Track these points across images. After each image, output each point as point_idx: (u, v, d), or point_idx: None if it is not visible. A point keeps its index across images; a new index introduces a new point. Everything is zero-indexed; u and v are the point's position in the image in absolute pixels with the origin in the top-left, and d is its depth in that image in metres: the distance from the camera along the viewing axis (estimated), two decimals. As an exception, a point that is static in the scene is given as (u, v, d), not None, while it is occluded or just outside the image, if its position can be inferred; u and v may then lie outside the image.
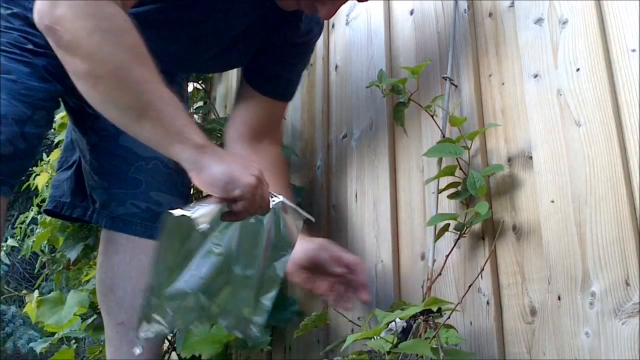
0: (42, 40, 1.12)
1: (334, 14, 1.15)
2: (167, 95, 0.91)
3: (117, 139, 1.30)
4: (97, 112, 1.31)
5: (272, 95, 1.31)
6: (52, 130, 1.93)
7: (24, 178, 1.41)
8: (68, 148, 1.39)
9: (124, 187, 1.28)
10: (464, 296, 1.02)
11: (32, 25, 1.11)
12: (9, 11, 1.10)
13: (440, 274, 1.03)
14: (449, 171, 1.08)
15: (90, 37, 0.87)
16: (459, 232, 1.05)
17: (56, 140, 1.87)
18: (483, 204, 1.01)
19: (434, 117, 1.13)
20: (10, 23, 1.10)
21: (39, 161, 2.18)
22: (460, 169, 1.09)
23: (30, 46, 1.10)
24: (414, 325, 0.93)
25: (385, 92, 1.15)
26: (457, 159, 1.08)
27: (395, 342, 0.84)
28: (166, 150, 0.93)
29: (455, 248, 1.08)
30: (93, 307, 1.54)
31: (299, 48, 1.33)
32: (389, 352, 0.78)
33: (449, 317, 0.91)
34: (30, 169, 1.83)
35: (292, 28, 1.27)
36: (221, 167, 0.91)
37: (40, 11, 0.89)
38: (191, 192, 1.57)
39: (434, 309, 0.90)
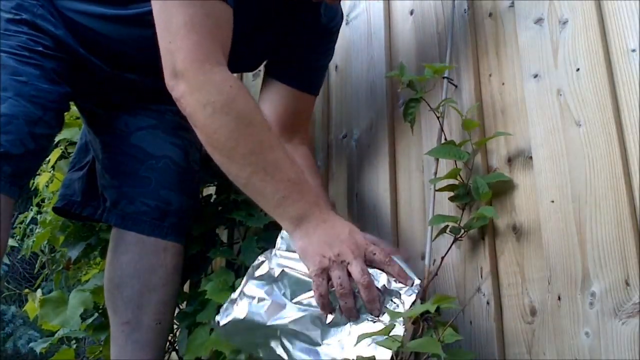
0: (50, 43, 1.13)
1: None
2: (272, 167, 0.97)
3: (129, 138, 1.31)
4: (109, 113, 1.32)
5: (299, 86, 1.30)
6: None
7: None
8: (82, 150, 1.39)
9: (135, 185, 1.28)
10: (470, 298, 1.02)
11: (40, 29, 1.13)
12: (18, 17, 1.12)
13: (436, 274, 1.02)
14: (454, 174, 1.08)
15: (204, 110, 0.95)
16: (454, 235, 1.06)
17: (56, 140, 1.87)
18: (489, 208, 1.01)
19: (440, 118, 1.13)
20: (20, 27, 1.11)
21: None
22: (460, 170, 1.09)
23: (40, 48, 1.11)
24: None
25: (402, 87, 1.14)
26: (459, 161, 1.08)
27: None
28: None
29: (455, 248, 1.08)
30: (96, 307, 1.54)
31: (323, 36, 1.32)
32: (397, 351, 0.78)
33: (454, 319, 0.91)
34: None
35: (314, 15, 1.26)
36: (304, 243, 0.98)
37: (169, 86, 0.98)
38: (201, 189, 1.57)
39: (432, 309, 0.89)
